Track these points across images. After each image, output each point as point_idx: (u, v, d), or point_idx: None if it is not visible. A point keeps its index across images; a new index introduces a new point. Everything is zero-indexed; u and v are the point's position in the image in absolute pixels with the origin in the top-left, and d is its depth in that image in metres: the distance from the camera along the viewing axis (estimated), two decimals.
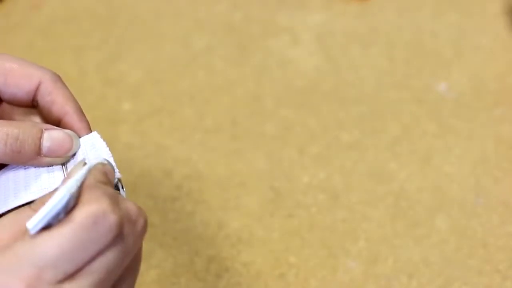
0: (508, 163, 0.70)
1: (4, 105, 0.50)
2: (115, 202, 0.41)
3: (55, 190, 0.42)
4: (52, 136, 0.46)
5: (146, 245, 0.64)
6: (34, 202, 0.42)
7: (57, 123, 0.48)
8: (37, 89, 0.48)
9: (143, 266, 0.62)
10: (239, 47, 0.82)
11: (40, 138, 0.46)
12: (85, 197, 0.41)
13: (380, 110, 0.75)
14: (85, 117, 0.48)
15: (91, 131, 0.48)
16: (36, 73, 0.48)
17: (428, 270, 0.62)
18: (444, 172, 0.70)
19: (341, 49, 0.81)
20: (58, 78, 0.48)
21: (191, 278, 0.62)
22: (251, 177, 0.70)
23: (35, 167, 0.47)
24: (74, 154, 0.47)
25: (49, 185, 0.46)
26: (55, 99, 0.48)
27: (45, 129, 0.46)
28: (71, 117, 0.47)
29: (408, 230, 0.65)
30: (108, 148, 0.46)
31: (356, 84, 0.78)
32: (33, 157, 0.46)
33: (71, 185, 0.40)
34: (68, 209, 0.40)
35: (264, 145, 0.72)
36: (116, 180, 0.45)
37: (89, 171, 0.42)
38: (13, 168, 0.47)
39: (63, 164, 0.47)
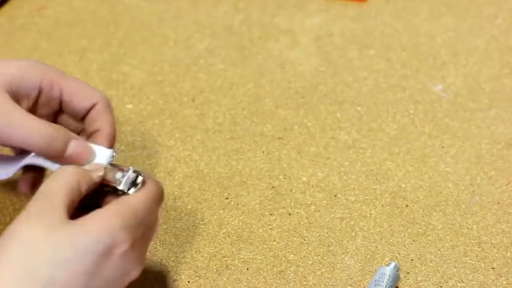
0: (502, 162, 0.71)
1: (64, 116, 0.60)
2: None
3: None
4: (76, 145, 0.56)
5: None
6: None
7: (93, 132, 0.59)
8: (92, 108, 0.59)
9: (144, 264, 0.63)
10: (239, 49, 0.82)
11: (67, 142, 0.55)
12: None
13: (377, 110, 0.76)
14: (114, 139, 0.60)
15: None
16: (95, 95, 0.59)
17: (424, 268, 0.63)
18: (440, 172, 0.70)
19: (339, 51, 0.81)
20: (108, 103, 0.59)
21: (192, 275, 0.63)
22: (251, 176, 0.70)
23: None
24: None
25: None
26: (101, 119, 0.59)
27: (72, 138, 0.56)
28: (103, 137, 0.58)
29: (404, 228, 0.66)
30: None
31: (354, 85, 0.78)
32: (58, 156, 0.55)
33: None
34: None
35: (263, 145, 0.73)
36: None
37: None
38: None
39: None
